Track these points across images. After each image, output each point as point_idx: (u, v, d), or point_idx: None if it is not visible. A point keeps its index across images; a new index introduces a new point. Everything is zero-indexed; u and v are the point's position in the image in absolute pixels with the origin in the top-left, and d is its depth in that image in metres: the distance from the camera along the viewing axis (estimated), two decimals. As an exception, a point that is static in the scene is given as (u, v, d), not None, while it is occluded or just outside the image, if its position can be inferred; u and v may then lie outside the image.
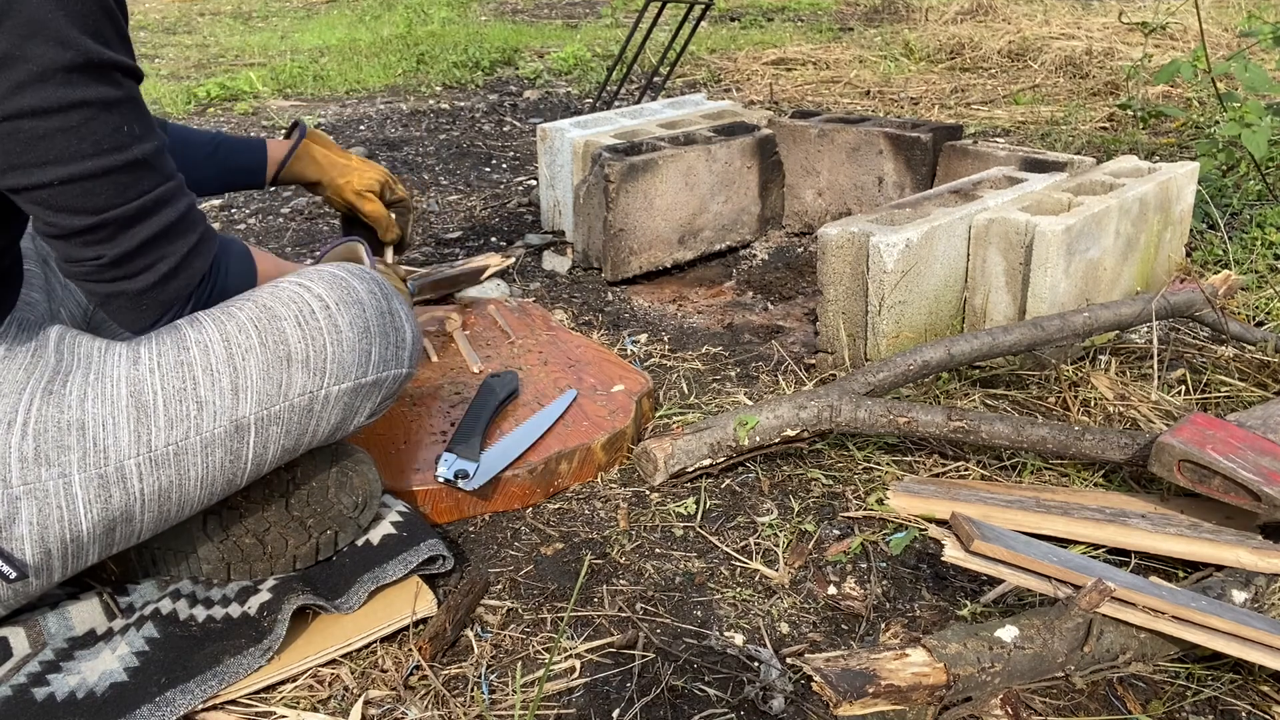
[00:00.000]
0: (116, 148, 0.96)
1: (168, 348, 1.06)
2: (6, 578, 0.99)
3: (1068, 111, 3.77)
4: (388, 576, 1.18)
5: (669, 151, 2.27)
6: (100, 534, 1.02)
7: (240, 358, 1.07)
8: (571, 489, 1.47)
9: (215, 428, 1.06)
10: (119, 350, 1.05)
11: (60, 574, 1.03)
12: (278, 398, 1.09)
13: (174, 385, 1.04)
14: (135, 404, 1.02)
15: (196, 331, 1.08)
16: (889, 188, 2.36)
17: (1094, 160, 2.12)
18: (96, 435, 1.00)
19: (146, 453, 1.02)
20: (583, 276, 2.33)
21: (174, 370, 1.05)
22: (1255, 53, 4.26)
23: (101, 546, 1.04)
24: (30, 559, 0.99)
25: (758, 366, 1.86)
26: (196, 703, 1.02)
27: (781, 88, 4.35)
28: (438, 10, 7.03)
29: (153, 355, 1.05)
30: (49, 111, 0.91)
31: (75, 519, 1.00)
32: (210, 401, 1.05)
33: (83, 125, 0.93)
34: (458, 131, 3.84)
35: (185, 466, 1.05)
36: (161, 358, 1.05)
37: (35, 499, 0.98)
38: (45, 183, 0.94)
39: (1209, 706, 1.04)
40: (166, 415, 1.03)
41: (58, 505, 0.99)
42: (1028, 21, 5.34)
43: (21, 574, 0.99)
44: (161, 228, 1.02)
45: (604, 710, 1.05)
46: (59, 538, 1.00)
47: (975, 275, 1.78)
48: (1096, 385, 1.63)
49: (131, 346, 1.06)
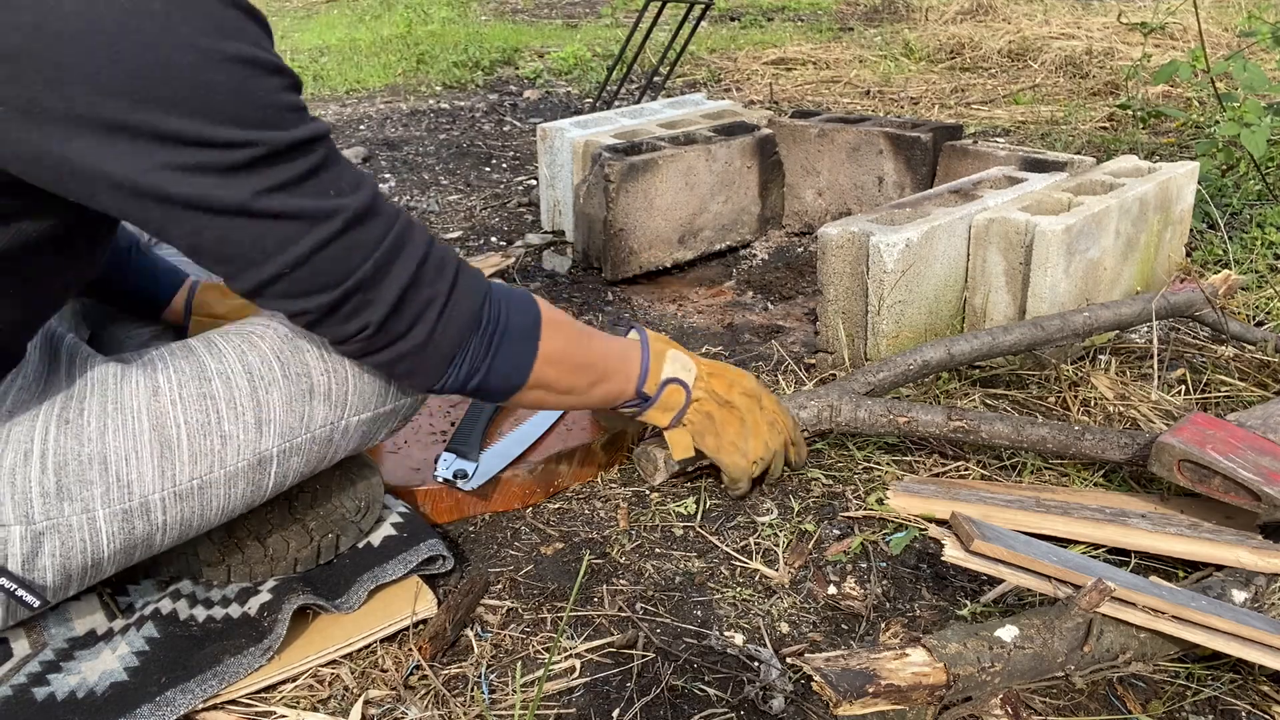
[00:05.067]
0: (330, 213, 0.92)
1: (188, 378, 1.03)
2: (30, 607, 0.98)
3: (1068, 111, 3.77)
4: (388, 576, 1.18)
5: (669, 151, 2.27)
6: (120, 559, 1.02)
7: (264, 391, 1.04)
8: (571, 489, 1.47)
9: (239, 461, 1.04)
10: (136, 379, 1.02)
11: (75, 590, 1.03)
12: (300, 430, 1.07)
13: (197, 419, 1.01)
14: (159, 438, 1.00)
15: (217, 361, 1.04)
16: (889, 187, 2.36)
17: (1094, 160, 2.12)
18: (120, 470, 0.98)
19: (171, 488, 1.00)
20: (583, 276, 2.33)
21: (196, 403, 1.02)
22: (1255, 53, 4.26)
23: (118, 566, 1.04)
24: (50, 584, 0.99)
25: (758, 366, 1.86)
26: (196, 702, 1.02)
27: (781, 88, 4.35)
28: (438, 10, 7.03)
29: (173, 387, 1.02)
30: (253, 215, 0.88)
31: (98, 549, 0.99)
32: (234, 436, 1.03)
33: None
34: (458, 131, 3.84)
35: (208, 498, 1.03)
36: (183, 389, 1.02)
37: (59, 533, 0.96)
38: (274, 275, 0.91)
39: (1209, 706, 1.04)
40: (190, 450, 1.01)
41: (81, 539, 0.98)
42: (1028, 21, 5.34)
43: (43, 600, 0.99)
44: (412, 271, 0.99)
45: (604, 710, 1.05)
46: (80, 566, 0.99)
47: (975, 275, 1.78)
48: (1096, 385, 1.63)
49: (149, 375, 1.02)
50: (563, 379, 1.17)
